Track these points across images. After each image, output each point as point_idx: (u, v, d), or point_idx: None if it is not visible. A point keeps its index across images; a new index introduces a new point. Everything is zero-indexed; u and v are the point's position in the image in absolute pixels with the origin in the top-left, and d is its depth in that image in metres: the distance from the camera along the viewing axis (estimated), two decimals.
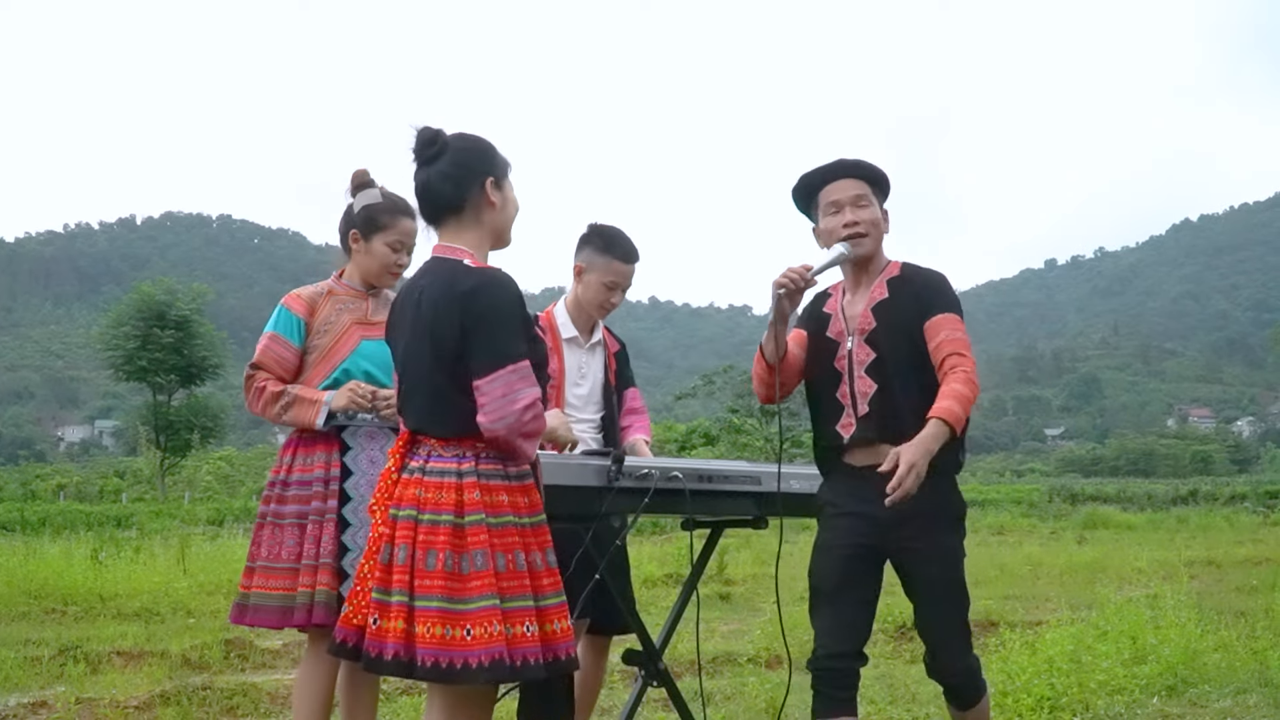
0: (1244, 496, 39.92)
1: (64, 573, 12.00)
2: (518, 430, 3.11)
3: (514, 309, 3.20)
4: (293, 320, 4.26)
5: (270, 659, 8.13)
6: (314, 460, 4.18)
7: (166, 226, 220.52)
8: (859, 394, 3.82)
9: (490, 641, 3.05)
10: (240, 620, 4.18)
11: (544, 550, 3.22)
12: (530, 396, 3.12)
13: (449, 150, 3.31)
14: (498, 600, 3.07)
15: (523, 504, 3.21)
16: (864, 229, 3.84)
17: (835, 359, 3.88)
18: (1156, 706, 5.99)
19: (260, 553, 4.16)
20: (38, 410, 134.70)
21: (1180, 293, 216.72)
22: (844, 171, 3.91)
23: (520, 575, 3.14)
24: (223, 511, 27.88)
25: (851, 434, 3.82)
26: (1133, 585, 11.51)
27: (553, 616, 3.18)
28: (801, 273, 3.73)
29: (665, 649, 4.44)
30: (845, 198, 3.86)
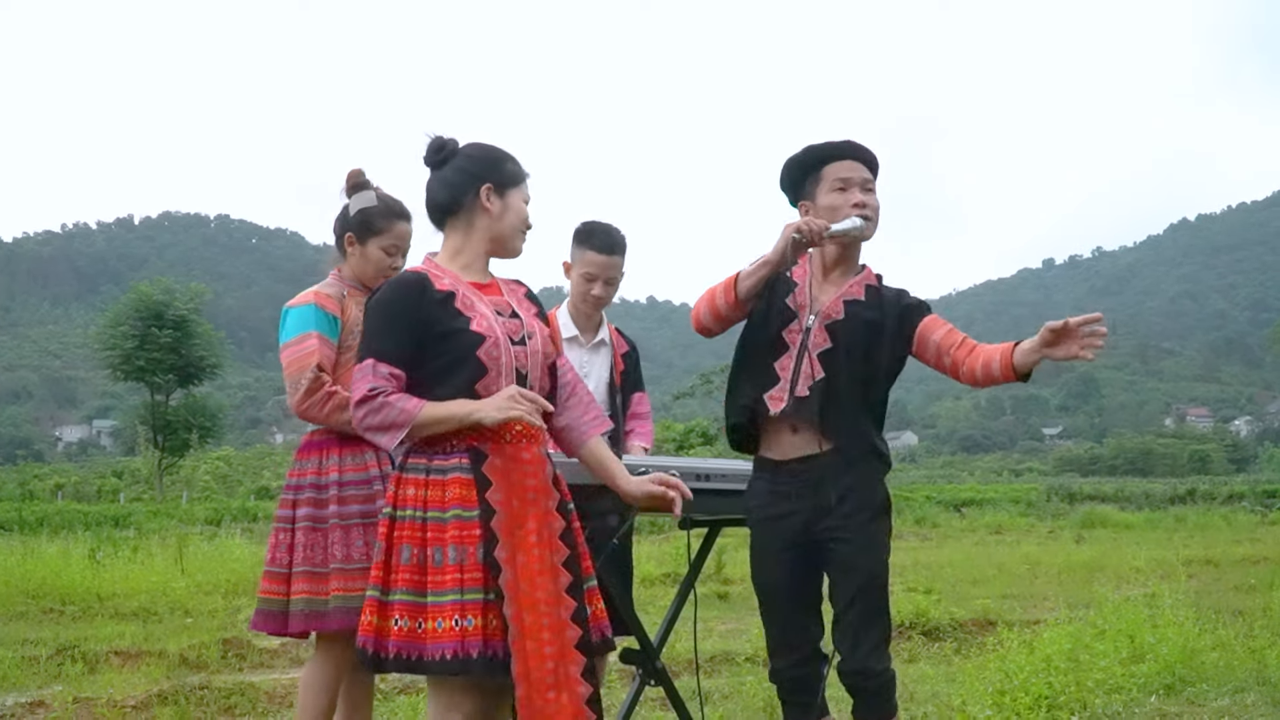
0: (1242, 496, 39.92)
1: (61, 572, 12.01)
2: (357, 425, 3.24)
3: (383, 309, 3.28)
4: (330, 319, 4.17)
5: (268, 659, 8.13)
6: (366, 459, 4.12)
7: (164, 226, 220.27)
8: (803, 374, 3.73)
9: (364, 630, 3.21)
10: (322, 626, 4.05)
11: (445, 546, 3.18)
12: (360, 393, 3.20)
13: (457, 156, 3.40)
14: (378, 591, 3.21)
15: (434, 498, 3.21)
16: (869, 213, 3.78)
17: (786, 329, 3.79)
18: (1154, 705, 5.99)
19: (334, 555, 4.04)
20: (35, 410, 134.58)
21: (1178, 292, 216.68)
22: (856, 153, 3.85)
23: (406, 569, 3.18)
24: (220, 511, 27.87)
25: (781, 409, 3.73)
26: (1130, 584, 11.52)
27: (433, 614, 3.15)
28: (821, 229, 3.64)
29: (663, 648, 4.44)
30: (856, 178, 3.80)
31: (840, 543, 3.69)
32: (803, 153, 3.90)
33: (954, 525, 27.30)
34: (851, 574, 3.68)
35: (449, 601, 3.14)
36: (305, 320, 4.17)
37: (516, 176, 3.42)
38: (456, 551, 3.17)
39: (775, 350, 3.79)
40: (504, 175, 3.39)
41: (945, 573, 14.06)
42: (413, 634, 3.15)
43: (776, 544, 3.77)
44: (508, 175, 3.40)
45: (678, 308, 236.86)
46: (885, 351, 3.75)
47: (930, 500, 36.25)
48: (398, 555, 3.20)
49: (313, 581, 4.06)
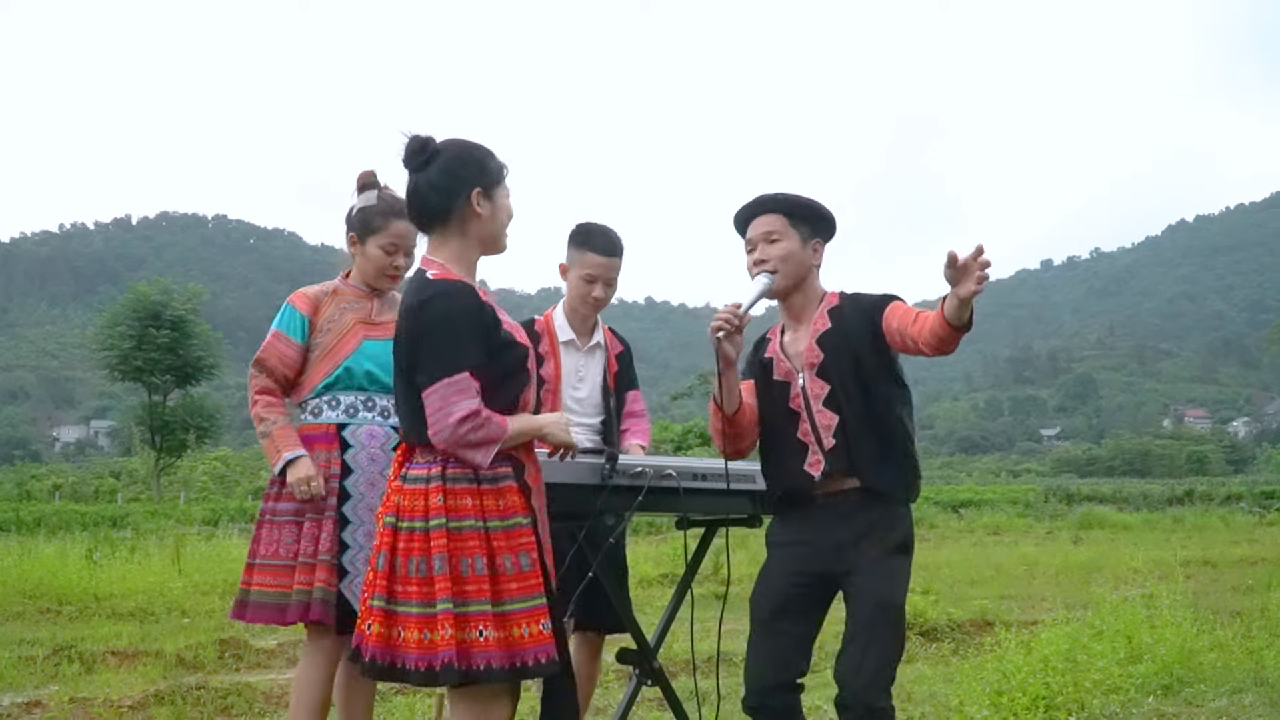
0: (1239, 497, 39.94)
1: (59, 572, 12.01)
2: (455, 442, 3.15)
3: (459, 320, 3.21)
4: (297, 317, 4.26)
5: (265, 659, 8.12)
6: (314, 458, 4.17)
7: (162, 226, 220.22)
8: (822, 428, 3.74)
9: (440, 646, 3.10)
10: (240, 616, 4.18)
11: (516, 554, 3.19)
12: (466, 409, 3.13)
13: (439, 158, 3.33)
14: (451, 604, 3.11)
15: (492, 507, 3.20)
16: (771, 265, 3.77)
17: (789, 400, 3.81)
18: (1152, 706, 5.99)
19: (260, 550, 4.17)
20: (33, 410, 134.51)
21: (1176, 293, 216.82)
22: (760, 208, 3.86)
23: (480, 580, 3.14)
24: (218, 511, 27.83)
25: (822, 470, 3.73)
26: (1128, 585, 11.49)
27: (519, 621, 3.15)
28: (734, 311, 3.66)
29: (660, 648, 4.43)
30: (756, 235, 3.83)
31: (857, 574, 3.68)
32: (734, 219, 3.96)
33: (952, 526, 27.29)
34: (863, 604, 3.65)
35: (534, 606, 3.17)
36: (276, 319, 4.32)
37: (500, 174, 3.39)
38: (526, 559, 3.20)
39: (792, 424, 3.81)
40: (490, 176, 3.36)
41: (943, 573, 14.06)
42: (504, 643, 3.13)
43: (787, 568, 3.77)
44: (494, 175, 3.37)
45: (675, 308, 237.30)
46: (870, 362, 3.73)
47: (928, 501, 36.20)
48: (472, 566, 3.14)
49: (248, 573, 4.20)
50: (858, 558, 3.67)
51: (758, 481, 4.18)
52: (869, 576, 3.65)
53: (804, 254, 3.82)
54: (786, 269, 3.79)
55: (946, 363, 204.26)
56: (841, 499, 3.73)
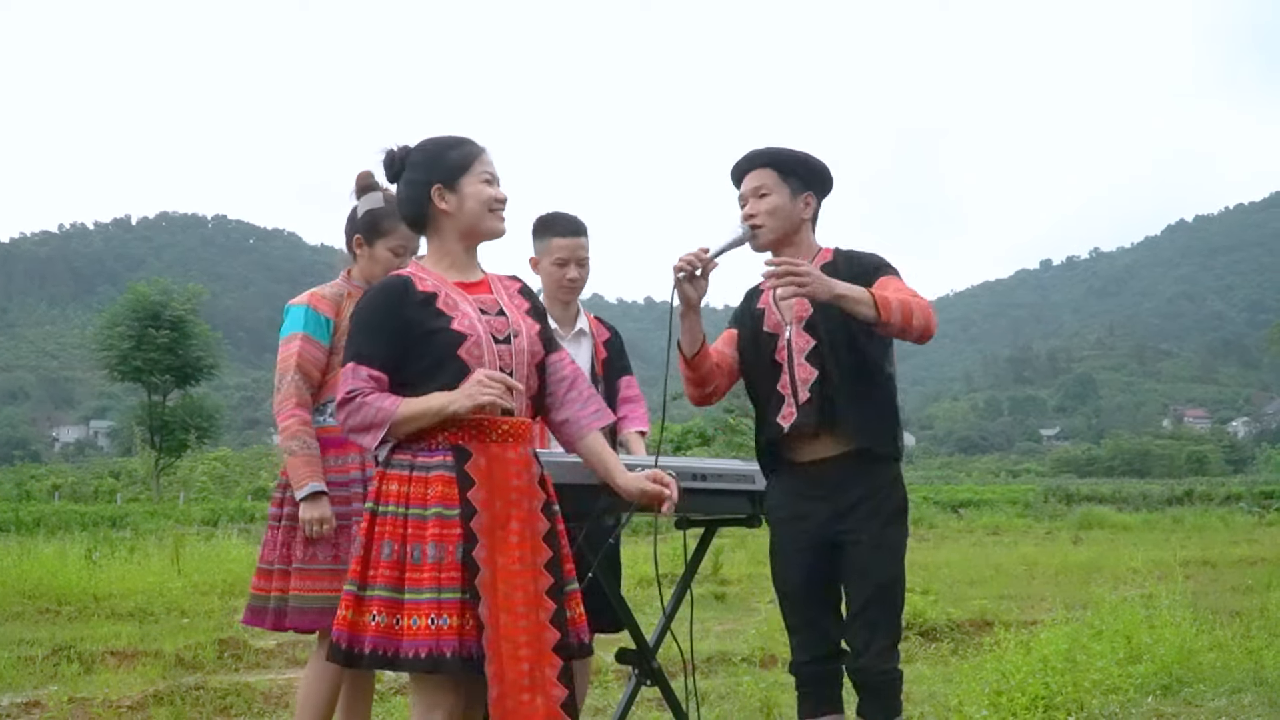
0: (1239, 497, 39.91)
1: (58, 573, 12.01)
2: (342, 427, 3.26)
3: (362, 314, 3.31)
4: (321, 320, 4.23)
5: (264, 659, 8.13)
6: (348, 460, 4.16)
7: (162, 227, 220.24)
8: (799, 381, 3.76)
9: (339, 624, 3.20)
10: (279, 625, 4.13)
11: (425, 544, 3.16)
12: (340, 395, 3.23)
13: (406, 165, 3.40)
14: (355, 586, 3.21)
15: (416, 495, 3.20)
16: (759, 220, 3.80)
17: (775, 351, 3.83)
18: (1151, 705, 5.99)
19: (295, 555, 4.10)
20: (33, 411, 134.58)
21: (1175, 293, 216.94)
22: (750, 163, 3.89)
23: (387, 565, 3.17)
24: (218, 512, 27.86)
25: (792, 422, 3.75)
26: (1128, 585, 11.49)
27: (410, 612, 3.13)
28: (699, 255, 3.68)
29: (659, 648, 4.43)
30: (747, 190, 3.86)
31: (856, 545, 3.71)
32: (731, 173, 3.97)
33: (951, 526, 27.29)
34: (866, 577, 3.70)
35: (426, 600, 3.13)
36: (295, 321, 4.25)
37: (464, 163, 3.36)
38: (436, 549, 3.15)
39: (774, 376, 3.83)
40: (449, 168, 3.34)
41: (943, 573, 14.05)
42: (389, 630, 3.14)
43: (795, 544, 3.79)
44: (453, 166, 3.34)
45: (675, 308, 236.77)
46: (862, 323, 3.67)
47: (928, 501, 36.22)
48: (378, 551, 3.19)
49: (284, 579, 4.14)
50: (856, 527, 3.71)
51: (757, 482, 4.18)
52: (869, 552, 3.71)
53: (794, 208, 3.83)
54: (773, 223, 3.81)
55: (946, 363, 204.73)
56: (832, 465, 3.73)
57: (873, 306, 3.53)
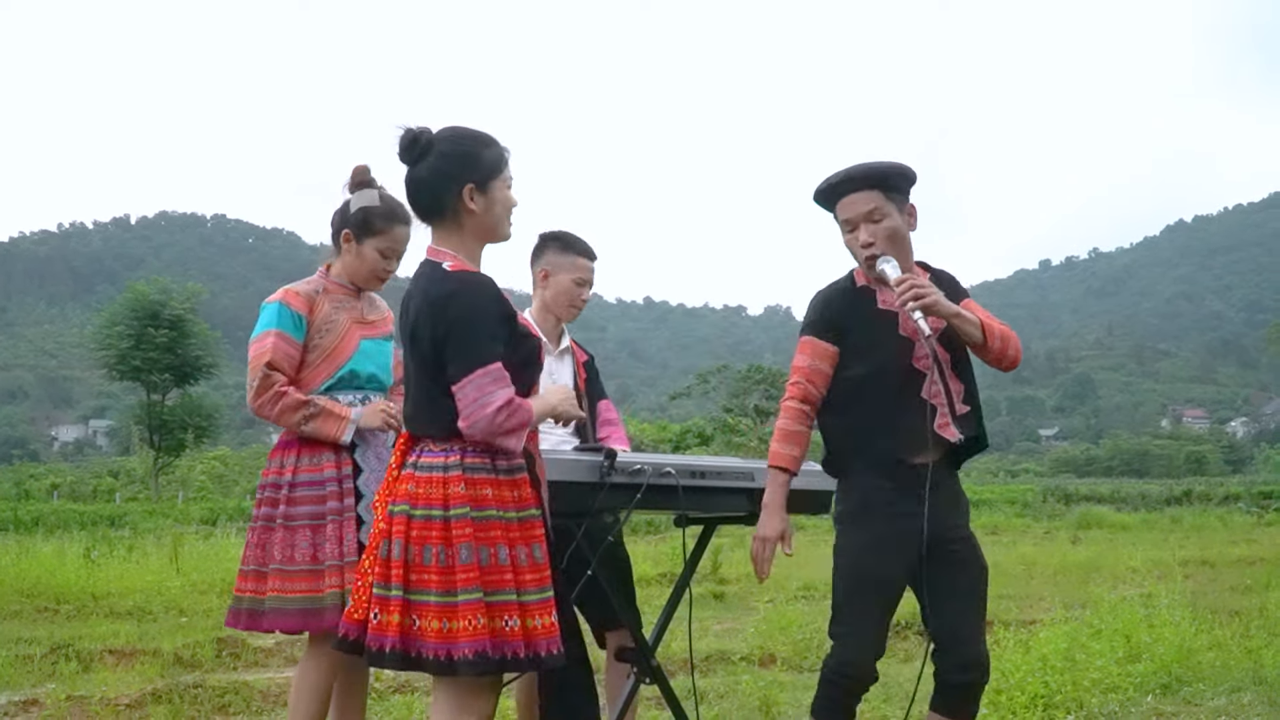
0: (1238, 497, 39.93)
1: (56, 571, 12.02)
2: (492, 432, 3.14)
3: (487, 312, 3.21)
4: (295, 317, 4.17)
5: (263, 657, 8.12)
6: (323, 460, 4.12)
7: (161, 226, 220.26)
8: (954, 393, 3.76)
9: (475, 634, 3.08)
10: (254, 626, 4.10)
11: (530, 545, 3.20)
12: (502, 398, 3.13)
13: (431, 152, 3.29)
14: (482, 594, 3.10)
15: (509, 498, 3.20)
16: (879, 247, 3.71)
17: (914, 358, 3.73)
18: (1150, 705, 5.99)
19: (273, 556, 4.06)
20: (32, 410, 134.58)
21: (1174, 293, 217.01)
22: (853, 184, 3.75)
23: (503, 569, 3.14)
24: (216, 511, 27.83)
25: (957, 435, 3.75)
26: (1127, 585, 11.50)
27: (534, 612, 3.16)
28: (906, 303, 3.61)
29: (658, 646, 4.43)
30: (857, 215, 3.73)
31: (959, 542, 3.78)
32: (817, 190, 3.86)
33: None
34: (970, 568, 3.79)
35: (547, 598, 3.20)
36: (269, 318, 4.19)
37: (497, 166, 3.33)
38: (540, 550, 3.22)
39: (913, 384, 3.74)
40: (484, 170, 3.30)
41: None
42: (522, 632, 3.14)
43: (900, 540, 3.72)
44: (488, 168, 3.31)
45: (674, 308, 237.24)
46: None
47: None
48: (494, 556, 3.14)
49: (258, 580, 4.10)
50: (955, 525, 3.78)
51: (756, 479, 4.17)
52: (969, 544, 3.82)
53: (904, 224, 3.78)
54: (897, 246, 3.74)
55: None
56: (936, 469, 3.74)
57: (980, 330, 3.65)
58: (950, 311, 3.64)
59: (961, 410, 3.77)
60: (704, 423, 41.66)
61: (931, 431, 3.71)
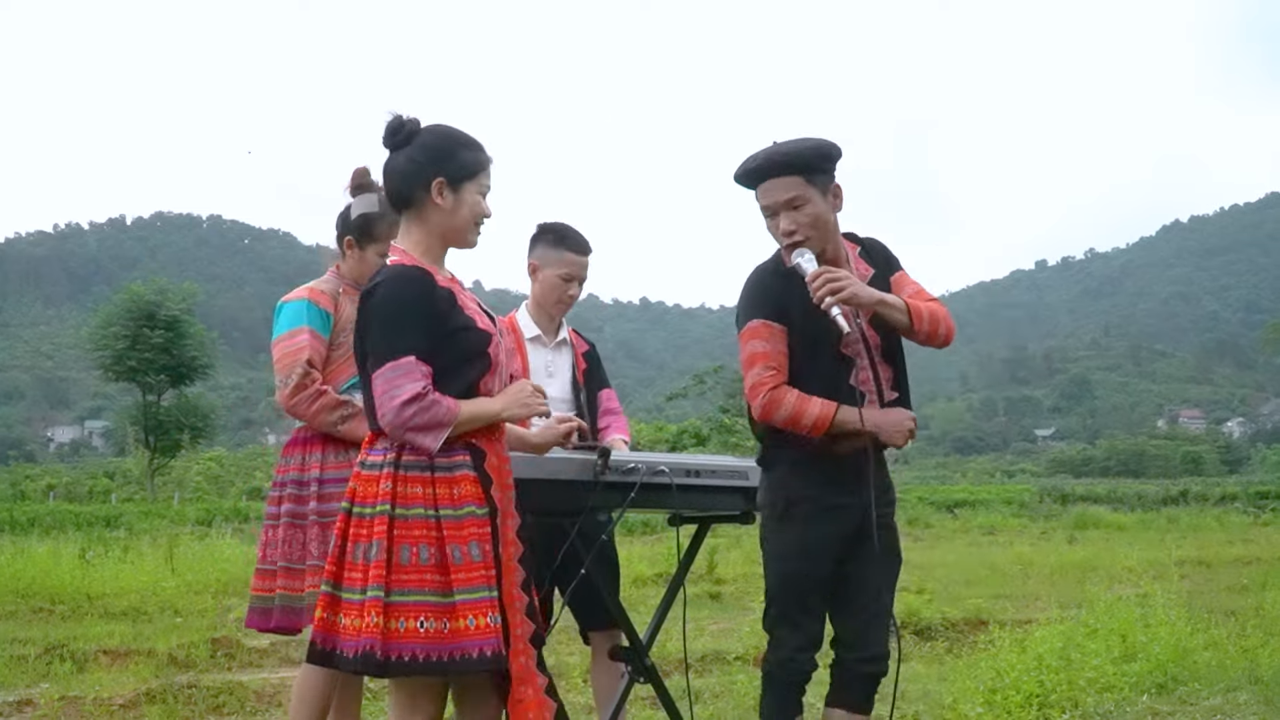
0: (1234, 497, 40.04)
1: (52, 572, 12.01)
2: (401, 426, 3.11)
3: (406, 304, 3.17)
4: (323, 315, 4.19)
5: (257, 658, 8.11)
6: (351, 456, 4.09)
7: (157, 227, 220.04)
8: (884, 380, 3.71)
9: (362, 633, 3.07)
10: (290, 624, 4.10)
11: (466, 544, 3.13)
12: (409, 392, 3.09)
13: (412, 142, 3.29)
14: (382, 592, 3.08)
15: (445, 495, 3.15)
16: (801, 234, 3.58)
17: (843, 345, 3.61)
18: (1146, 704, 5.98)
19: (310, 552, 4.06)
20: (27, 411, 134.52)
21: (1170, 294, 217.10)
22: (774, 169, 3.61)
23: (422, 569, 3.10)
24: (212, 512, 27.83)
25: None
26: (1123, 584, 11.52)
27: (464, 613, 3.10)
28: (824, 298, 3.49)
29: (652, 645, 4.42)
30: (777, 202, 3.61)
31: (884, 530, 3.72)
32: (735, 176, 3.74)
33: (947, 526, 27.33)
34: (889, 563, 3.75)
35: (482, 598, 3.11)
36: (299, 315, 4.18)
37: (473, 168, 3.30)
38: (479, 549, 3.14)
39: (842, 370, 3.65)
40: (458, 168, 3.28)
41: (938, 573, 14.06)
42: (440, 635, 3.08)
43: (833, 534, 3.68)
44: (463, 167, 3.28)
45: (670, 309, 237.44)
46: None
47: (923, 501, 36.31)
48: (415, 555, 3.11)
49: (290, 577, 4.09)
50: (881, 515, 3.72)
51: (751, 478, 4.16)
52: (892, 534, 3.79)
53: (828, 207, 3.64)
54: (819, 232, 3.61)
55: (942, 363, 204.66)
56: (862, 457, 3.66)
57: (906, 314, 3.58)
58: (872, 300, 3.54)
59: (890, 396, 3.71)
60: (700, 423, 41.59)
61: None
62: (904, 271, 3.82)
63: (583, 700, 6.47)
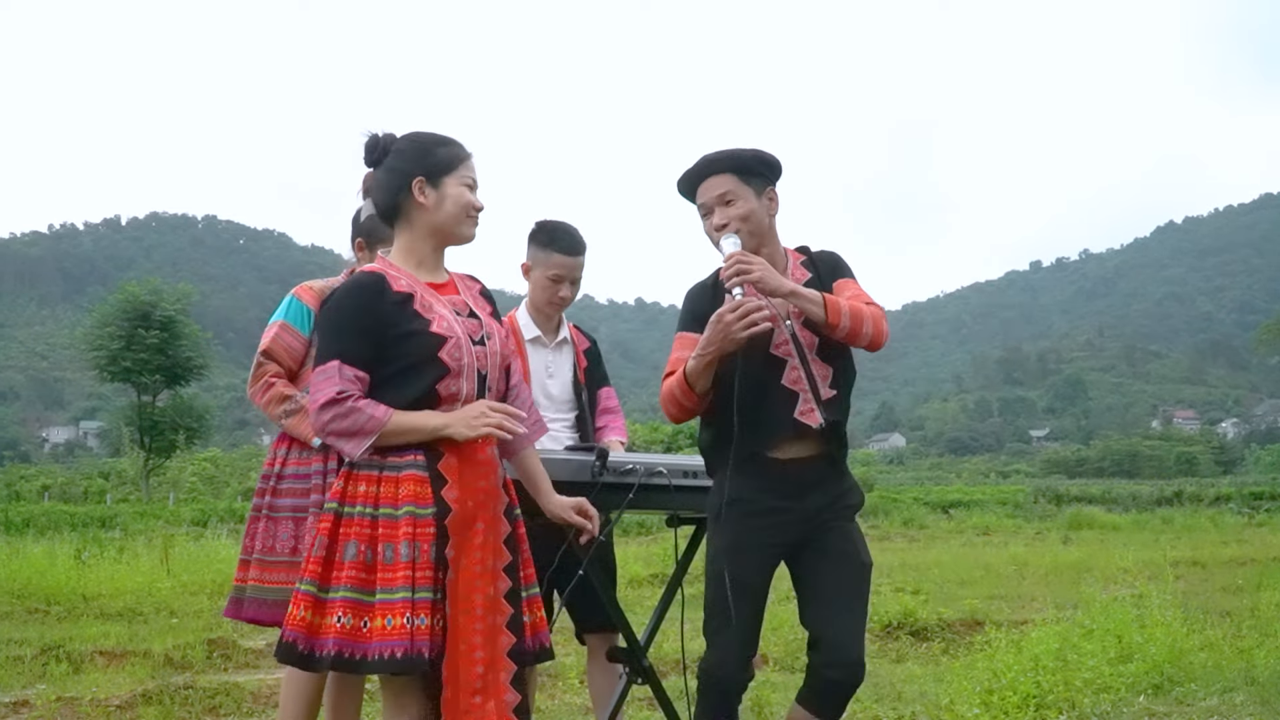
0: (1229, 498, 39.99)
1: (47, 573, 11.99)
2: (321, 430, 3.16)
3: (344, 309, 3.21)
4: (303, 310, 4.27)
5: (253, 659, 8.10)
6: (311, 454, 4.16)
7: (152, 227, 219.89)
8: (819, 378, 3.68)
9: (292, 624, 3.14)
10: (236, 614, 4.17)
11: (397, 543, 3.12)
12: (325, 396, 3.12)
13: (389, 153, 3.34)
14: (314, 587, 3.14)
15: (387, 495, 3.16)
16: (733, 226, 3.65)
17: (773, 345, 3.65)
18: (1143, 705, 5.99)
19: (255, 545, 4.15)
20: (22, 411, 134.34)
21: (1165, 295, 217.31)
22: (709, 169, 3.72)
23: (351, 566, 3.12)
24: (207, 512, 27.77)
25: (820, 420, 3.65)
26: (1118, 585, 11.52)
27: (380, 612, 3.09)
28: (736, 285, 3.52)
29: (650, 646, 4.42)
30: (711, 199, 3.70)
31: (831, 536, 3.67)
32: (678, 183, 3.83)
33: (941, 526, 27.31)
34: (843, 566, 3.67)
35: (399, 599, 3.08)
36: (279, 310, 4.32)
37: (450, 162, 3.33)
38: (409, 548, 3.11)
39: (774, 371, 3.67)
40: (434, 164, 3.30)
41: (933, 573, 14.07)
42: (355, 632, 3.09)
43: (765, 541, 3.66)
44: (439, 163, 3.31)
45: (666, 309, 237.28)
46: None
47: (918, 502, 36.28)
48: (342, 551, 3.14)
49: (262, 569, 4.18)
50: (830, 522, 3.68)
51: None
52: (845, 540, 3.70)
53: (762, 208, 3.71)
54: (749, 227, 3.67)
55: (936, 364, 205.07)
56: (807, 465, 3.67)
57: (822, 307, 3.54)
58: (782, 289, 3.54)
59: (827, 395, 3.68)
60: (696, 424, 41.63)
61: (794, 420, 3.65)
62: (851, 279, 3.80)
63: (579, 701, 6.47)
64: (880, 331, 3.63)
